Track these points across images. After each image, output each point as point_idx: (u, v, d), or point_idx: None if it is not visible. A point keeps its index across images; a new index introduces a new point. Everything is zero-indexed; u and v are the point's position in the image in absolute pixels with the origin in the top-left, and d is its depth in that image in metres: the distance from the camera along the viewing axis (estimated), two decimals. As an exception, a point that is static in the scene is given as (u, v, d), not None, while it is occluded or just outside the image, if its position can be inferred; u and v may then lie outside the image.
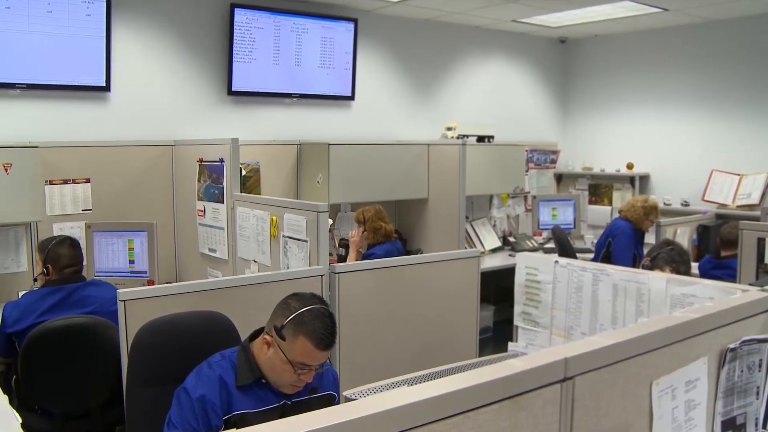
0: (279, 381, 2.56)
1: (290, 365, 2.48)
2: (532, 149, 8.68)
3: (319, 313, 2.51)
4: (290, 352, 2.48)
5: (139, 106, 6.06)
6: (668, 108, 8.37)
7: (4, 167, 4.86)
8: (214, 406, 2.47)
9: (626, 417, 1.59)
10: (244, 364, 2.59)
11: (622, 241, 6.53)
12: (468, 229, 7.53)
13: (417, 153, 6.81)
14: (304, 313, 2.49)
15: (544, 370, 1.41)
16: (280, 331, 2.49)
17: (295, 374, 2.50)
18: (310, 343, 2.46)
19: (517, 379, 1.37)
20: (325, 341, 2.48)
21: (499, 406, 1.33)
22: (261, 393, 2.58)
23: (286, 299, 2.60)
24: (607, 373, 1.52)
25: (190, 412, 2.46)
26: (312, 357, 2.49)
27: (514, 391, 1.36)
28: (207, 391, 2.49)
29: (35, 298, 4.00)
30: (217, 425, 2.47)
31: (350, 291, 3.82)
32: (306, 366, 2.50)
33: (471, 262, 4.34)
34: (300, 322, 2.48)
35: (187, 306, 3.22)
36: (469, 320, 4.33)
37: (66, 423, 3.88)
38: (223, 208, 4.93)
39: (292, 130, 6.91)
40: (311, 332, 2.46)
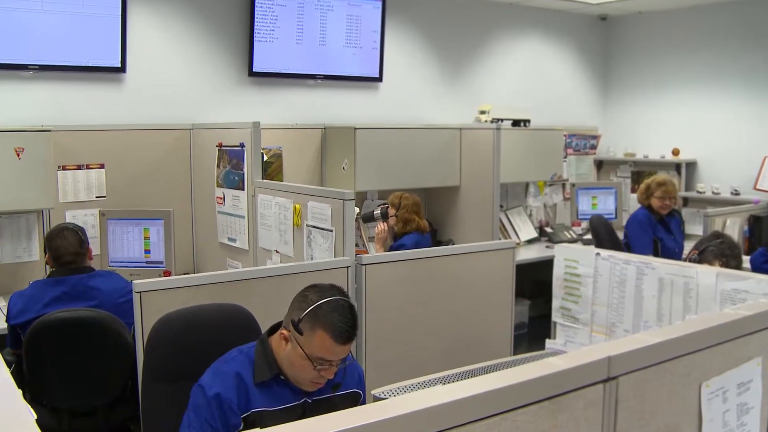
0: (298, 378, 2.55)
1: (309, 361, 2.47)
2: (571, 134, 8.62)
3: (338, 305, 2.49)
4: (308, 346, 2.47)
5: (155, 87, 6.09)
6: (717, 90, 8.27)
7: (15, 152, 4.91)
8: (231, 405, 2.47)
9: (673, 420, 1.57)
10: (262, 359, 2.58)
11: (634, 229, 6.48)
12: (502, 219, 7.49)
13: (448, 138, 6.78)
14: (322, 306, 2.48)
15: (586, 370, 1.40)
16: (298, 325, 2.49)
17: (315, 370, 2.49)
18: (328, 336, 2.45)
19: (558, 379, 1.36)
20: (345, 334, 2.46)
21: (538, 407, 1.32)
22: (280, 390, 2.58)
23: (304, 291, 2.59)
24: (653, 373, 1.51)
25: (207, 411, 2.47)
26: (331, 351, 2.47)
27: (554, 392, 1.35)
28: (223, 389, 2.49)
29: (39, 289, 4.04)
30: (235, 424, 2.47)
31: (377, 283, 3.82)
32: (326, 361, 2.48)
33: (505, 253, 4.32)
34: (317, 314, 2.47)
35: (206, 298, 3.24)
36: (503, 316, 4.32)
37: (72, 420, 3.92)
38: (243, 196, 4.94)
39: (316, 114, 6.91)
40: (330, 325, 2.45)
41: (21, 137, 4.97)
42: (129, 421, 4.04)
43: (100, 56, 5.74)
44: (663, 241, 6.43)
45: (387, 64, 7.31)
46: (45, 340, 3.74)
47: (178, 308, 2.97)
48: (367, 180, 6.28)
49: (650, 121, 8.93)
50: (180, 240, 5.64)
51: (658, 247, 6.38)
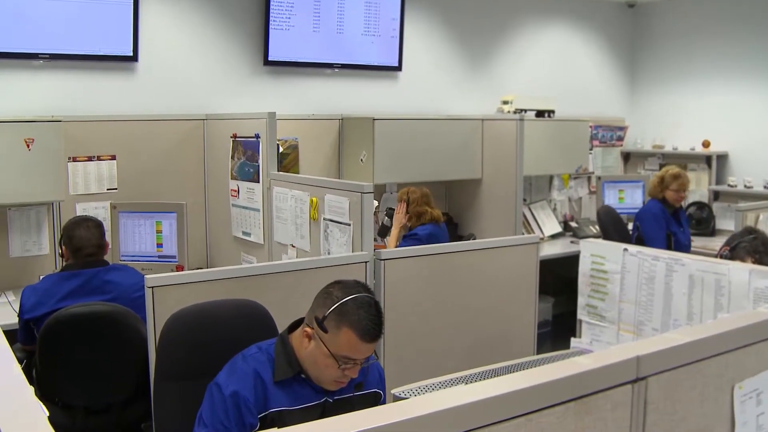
0: (321, 377, 2.56)
1: (333, 359, 2.47)
2: (597, 125, 8.58)
3: (364, 302, 2.49)
4: (333, 345, 2.47)
5: (168, 77, 6.11)
6: (750, 79, 8.20)
7: (26, 143, 4.93)
8: (247, 403, 2.48)
9: (705, 423, 1.56)
10: (282, 357, 2.59)
11: (648, 222, 6.45)
12: (525, 213, 7.48)
13: (470, 129, 6.77)
14: (348, 303, 2.48)
15: (613, 370, 1.40)
16: (322, 323, 2.49)
17: (339, 369, 2.49)
18: (355, 335, 2.45)
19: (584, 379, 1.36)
20: (372, 333, 2.46)
21: (564, 408, 1.32)
22: (300, 389, 2.58)
23: (328, 288, 2.59)
24: (684, 373, 1.50)
25: (222, 410, 2.47)
26: (357, 350, 2.47)
27: (580, 392, 1.34)
28: (240, 387, 2.49)
29: (53, 283, 4.05)
30: (252, 423, 2.48)
31: (397, 279, 3.82)
32: (351, 360, 2.48)
33: (529, 249, 4.31)
34: (343, 312, 2.47)
35: (220, 294, 3.24)
36: (527, 313, 4.31)
37: (87, 417, 3.93)
38: (258, 188, 4.95)
39: (334, 104, 6.91)
40: (356, 323, 2.45)
41: (31, 128, 5.00)
42: (142, 419, 4.06)
43: (111, 45, 5.76)
44: (676, 235, 6.41)
45: (407, 52, 7.30)
46: (61, 335, 3.76)
47: (191, 304, 2.98)
48: (385, 172, 6.28)
49: (679, 112, 8.87)
50: (193, 234, 5.66)
51: (671, 241, 6.35)
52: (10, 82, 5.45)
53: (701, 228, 7.79)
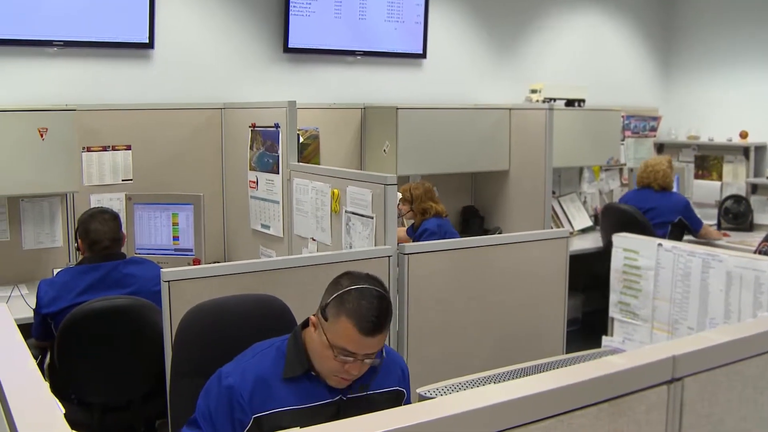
0: (322, 369, 2.52)
1: (330, 350, 2.44)
2: (629, 115, 8.53)
3: (367, 293, 2.45)
4: (331, 334, 2.44)
5: (185, 64, 6.12)
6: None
7: (39, 132, 4.96)
8: (241, 401, 2.46)
9: (744, 426, 1.55)
10: (293, 353, 2.57)
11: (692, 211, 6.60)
12: (554, 206, 7.45)
13: (497, 119, 6.75)
14: (351, 292, 2.44)
15: (648, 370, 1.39)
16: (324, 310, 2.47)
17: (338, 361, 2.45)
18: (351, 325, 2.40)
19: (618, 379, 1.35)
20: (369, 326, 2.41)
21: (597, 409, 1.32)
22: (312, 387, 2.56)
23: (338, 277, 2.56)
24: (722, 374, 1.49)
25: (215, 400, 2.49)
26: (354, 343, 2.42)
27: (613, 393, 1.34)
28: (238, 382, 2.49)
29: (71, 277, 4.07)
30: (241, 420, 2.46)
31: (421, 274, 3.82)
32: (348, 353, 2.44)
33: (558, 243, 4.29)
34: (344, 300, 2.43)
35: (238, 289, 3.25)
36: (556, 310, 4.30)
37: (105, 415, 3.96)
38: (278, 180, 4.96)
39: (356, 92, 6.91)
40: (354, 312, 2.41)
41: (45, 117, 5.02)
42: (160, 416, 4.09)
43: (127, 32, 5.78)
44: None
45: (431, 39, 7.28)
46: (82, 331, 3.79)
47: (208, 299, 2.99)
48: (409, 163, 6.28)
49: (716, 101, 8.81)
50: (210, 226, 5.69)
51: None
52: (24, 70, 5.48)
53: (738, 222, 7.72)
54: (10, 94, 5.41)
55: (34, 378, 1.38)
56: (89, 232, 4.15)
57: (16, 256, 5.29)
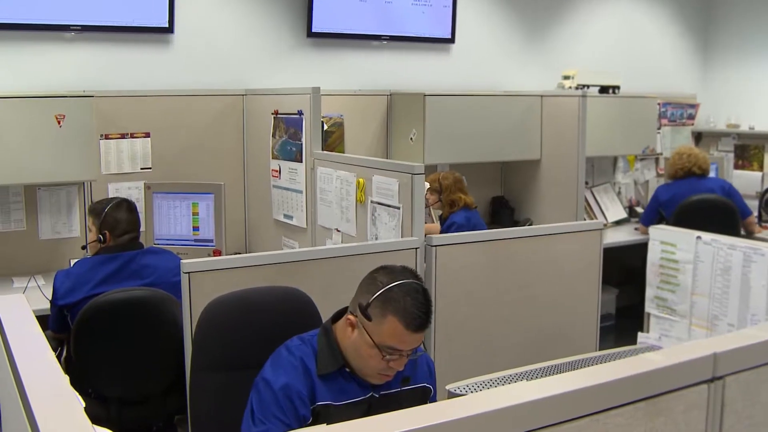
0: (365, 369, 2.56)
1: (377, 350, 2.47)
2: (666, 102, 8.48)
3: (411, 289, 2.49)
4: (377, 334, 2.47)
5: (206, 49, 6.14)
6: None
7: (56, 119, 4.99)
8: (301, 395, 2.49)
9: (787, 427, 1.54)
10: (326, 349, 2.59)
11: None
12: (587, 197, 7.42)
13: (528, 106, 6.73)
14: (393, 289, 2.47)
15: (688, 368, 1.38)
16: (366, 310, 2.49)
17: (384, 361, 2.49)
18: (400, 323, 2.44)
19: (656, 378, 1.34)
20: (418, 321, 2.46)
21: (634, 408, 1.31)
22: (345, 384, 2.59)
23: (373, 273, 2.59)
24: (765, 373, 1.48)
25: (275, 405, 2.48)
26: (402, 340, 2.47)
27: (651, 392, 1.34)
28: (290, 378, 2.50)
29: (88, 267, 4.09)
30: (305, 416, 2.49)
31: (449, 267, 3.81)
32: (396, 351, 2.48)
33: (591, 236, 4.28)
34: (389, 299, 2.46)
35: (260, 281, 3.26)
36: (588, 305, 4.28)
37: (122, 409, 3.99)
38: (301, 168, 4.97)
39: (382, 78, 6.90)
40: (401, 311, 2.45)
41: (62, 103, 5.05)
42: (179, 412, 4.10)
43: (146, 16, 5.80)
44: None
45: (460, 23, 7.26)
46: (98, 323, 3.81)
47: (229, 291, 3.00)
48: (437, 152, 6.27)
49: (757, 88, 8.72)
50: (231, 216, 5.70)
51: None
52: (40, 55, 5.51)
53: (780, 215, 7.67)
54: (26, 80, 5.45)
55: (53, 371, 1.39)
56: (108, 221, 4.18)
57: (32, 246, 5.34)
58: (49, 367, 1.41)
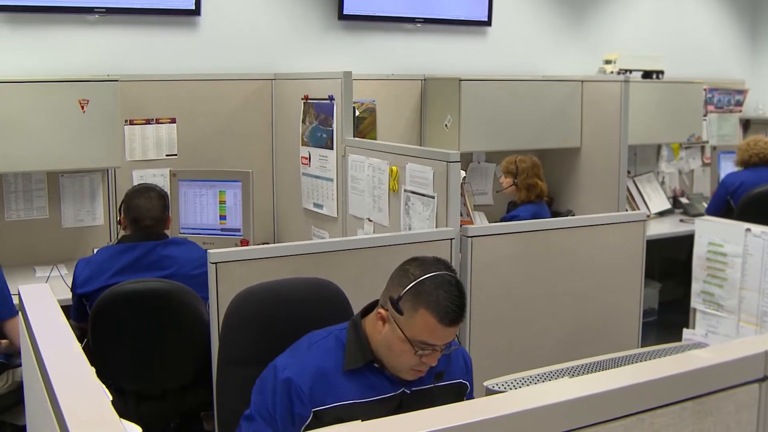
0: (397, 364, 2.55)
1: (409, 345, 2.46)
2: (712, 88, 8.40)
3: (444, 281, 2.47)
4: (409, 328, 2.46)
5: (233, 32, 6.15)
6: None
7: (80, 104, 5.02)
8: (300, 394, 2.48)
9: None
10: (354, 344, 2.59)
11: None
12: (630, 187, 7.38)
13: (568, 91, 6.69)
14: (426, 281, 2.46)
15: (738, 366, 1.37)
16: (397, 304, 2.48)
17: (416, 356, 2.48)
18: (432, 317, 2.43)
19: (705, 376, 1.34)
20: (451, 315, 2.44)
21: (680, 408, 1.30)
22: (374, 379, 2.58)
23: (404, 265, 2.58)
24: (819, 372, 1.46)
25: (271, 394, 2.50)
26: (435, 335, 2.46)
27: (699, 391, 1.33)
28: (296, 374, 2.51)
29: (108, 256, 4.13)
30: (302, 414, 2.48)
31: (485, 259, 3.81)
32: (428, 345, 2.47)
33: (634, 227, 4.26)
34: (420, 292, 2.45)
35: (289, 272, 3.27)
36: (630, 300, 4.26)
37: (139, 403, 4.02)
38: (332, 156, 4.97)
39: (416, 63, 6.89)
40: (434, 304, 2.43)
41: (85, 88, 5.08)
42: (201, 407, 4.13)
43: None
44: None
45: (497, 5, 7.24)
46: (113, 314, 3.84)
47: (257, 282, 3.01)
48: (473, 139, 6.25)
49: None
50: (259, 205, 5.71)
51: None
52: (63, 38, 5.55)
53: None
54: (49, 64, 5.49)
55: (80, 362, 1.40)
56: (131, 207, 4.21)
57: (55, 234, 5.39)
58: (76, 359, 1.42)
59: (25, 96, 4.94)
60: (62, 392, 1.23)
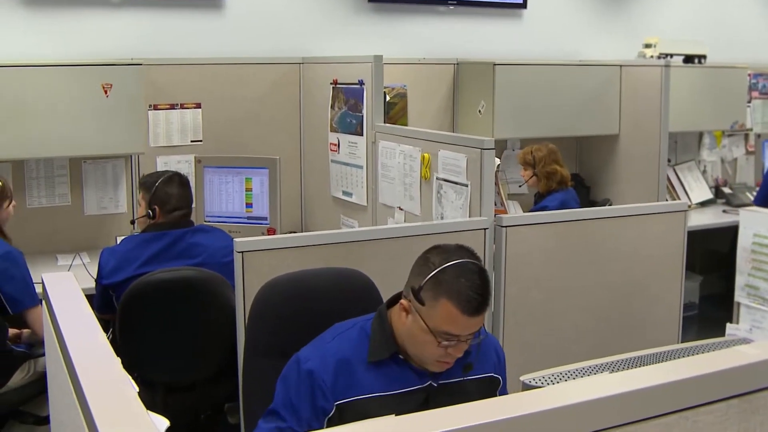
0: (421, 356, 2.54)
1: (432, 336, 2.44)
2: (757, 73, 8.32)
3: (465, 269, 2.45)
4: (431, 319, 2.44)
5: (260, 15, 6.15)
6: None
7: (103, 88, 5.04)
8: (323, 386, 2.48)
9: None
10: (379, 335, 2.58)
11: None
12: (670, 176, 7.34)
13: (606, 77, 6.67)
14: (447, 270, 2.44)
15: (787, 363, 1.36)
16: (418, 294, 2.47)
17: (440, 347, 2.46)
18: (454, 307, 2.41)
19: (751, 373, 1.33)
20: (474, 304, 2.42)
21: (726, 405, 1.29)
22: (399, 371, 2.58)
23: (425, 253, 2.57)
24: None
25: (295, 386, 2.51)
26: (458, 325, 2.43)
27: (745, 388, 1.32)
28: (319, 366, 2.51)
29: (135, 245, 4.15)
30: (324, 408, 2.48)
31: (520, 250, 3.80)
32: (452, 336, 2.45)
33: (675, 218, 4.23)
34: (441, 281, 2.44)
35: (317, 261, 3.28)
36: (671, 293, 4.24)
37: (168, 395, 4.04)
38: (361, 142, 4.97)
39: (448, 47, 6.87)
40: (455, 293, 2.41)
41: (109, 72, 5.11)
42: (228, 399, 4.14)
43: (198, -23, 5.85)
44: None
45: (533, -13, 7.22)
46: (145, 303, 3.87)
47: (284, 272, 3.02)
48: (507, 126, 6.24)
49: None
50: (287, 193, 5.72)
51: None
52: (86, 21, 5.57)
53: None
54: (71, 47, 5.51)
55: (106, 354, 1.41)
56: (158, 196, 4.22)
57: (77, 222, 5.43)
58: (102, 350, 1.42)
59: (48, 80, 4.98)
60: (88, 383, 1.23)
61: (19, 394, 4.15)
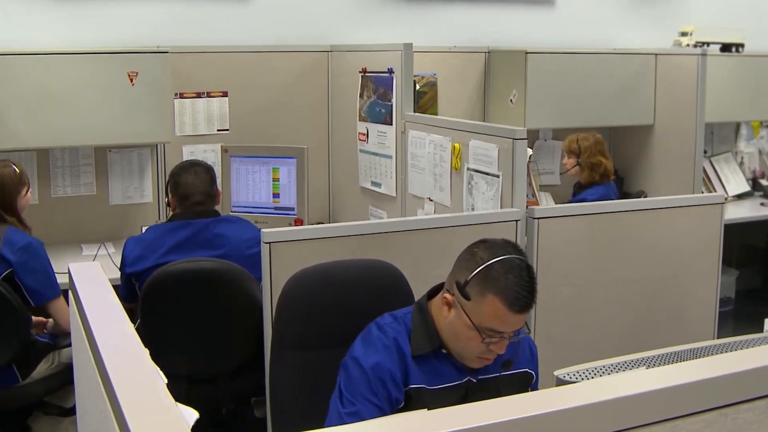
0: (463, 352, 2.56)
1: (476, 332, 2.46)
2: (797, 63, 8.27)
3: (513, 265, 2.46)
4: (476, 315, 2.45)
5: (288, 2, 6.14)
6: None
7: (129, 77, 5.06)
8: (393, 375, 2.50)
9: None
10: (420, 329, 2.60)
11: None
12: (706, 167, 7.30)
13: (640, 65, 6.62)
14: (494, 266, 2.45)
15: (828, 359, 1.35)
16: (464, 289, 2.48)
17: (483, 343, 2.48)
18: (501, 303, 2.42)
19: (794, 369, 1.31)
20: (522, 301, 2.44)
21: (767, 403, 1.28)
22: (440, 366, 2.59)
23: (472, 247, 2.58)
24: None
25: (365, 385, 2.49)
26: (504, 322, 2.45)
27: (787, 385, 1.30)
28: (382, 357, 2.52)
29: (159, 234, 4.18)
30: (397, 398, 2.50)
31: (552, 243, 3.79)
32: (496, 333, 2.47)
33: (711, 210, 4.21)
34: (489, 276, 2.45)
35: (345, 253, 3.29)
36: (706, 288, 4.23)
37: (191, 387, 4.05)
38: (391, 132, 4.97)
39: (479, 34, 6.85)
40: (503, 290, 2.42)
41: (135, 60, 5.13)
42: (252, 393, 4.16)
43: (225, -36, 5.85)
44: None
45: (566, -27, 7.18)
46: (165, 294, 3.88)
47: (312, 264, 3.02)
48: (539, 116, 6.22)
49: None
50: (314, 183, 5.71)
51: None
52: (112, 8, 5.59)
53: None
54: (96, 35, 5.53)
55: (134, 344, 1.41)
56: (179, 185, 4.24)
57: (102, 211, 5.46)
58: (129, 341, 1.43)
59: (72, 68, 5.00)
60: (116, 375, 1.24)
61: (44, 384, 4.18)
